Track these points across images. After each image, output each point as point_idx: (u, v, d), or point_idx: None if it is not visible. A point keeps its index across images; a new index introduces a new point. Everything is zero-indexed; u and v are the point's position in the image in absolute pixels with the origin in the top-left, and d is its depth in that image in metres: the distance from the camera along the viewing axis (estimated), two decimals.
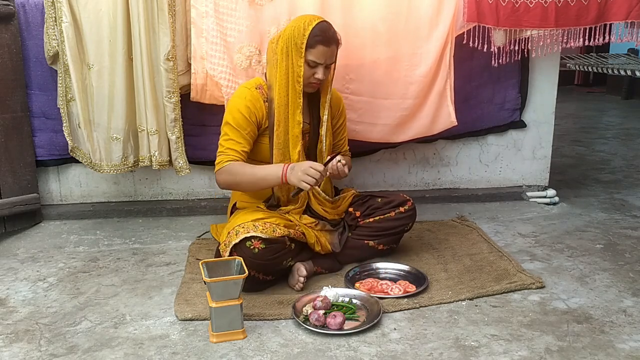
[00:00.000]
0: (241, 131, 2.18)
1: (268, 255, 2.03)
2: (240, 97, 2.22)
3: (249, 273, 1.99)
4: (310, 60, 2.13)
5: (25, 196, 2.79)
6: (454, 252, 2.49)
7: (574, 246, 2.58)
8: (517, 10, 2.69)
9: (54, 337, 1.86)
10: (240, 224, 2.05)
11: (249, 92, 2.22)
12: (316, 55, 2.13)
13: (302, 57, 2.13)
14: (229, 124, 2.18)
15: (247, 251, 1.99)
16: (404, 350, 1.76)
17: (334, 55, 2.19)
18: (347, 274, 2.22)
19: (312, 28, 2.12)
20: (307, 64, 2.14)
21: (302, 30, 2.12)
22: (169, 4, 2.51)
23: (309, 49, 2.12)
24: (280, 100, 2.18)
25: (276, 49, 2.18)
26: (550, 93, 3.20)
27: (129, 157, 2.73)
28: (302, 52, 2.12)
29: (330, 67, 2.21)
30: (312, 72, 2.16)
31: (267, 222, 2.06)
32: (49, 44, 2.60)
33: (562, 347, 1.76)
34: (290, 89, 2.17)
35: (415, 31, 2.70)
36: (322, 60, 2.14)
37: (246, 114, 2.18)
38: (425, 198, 3.15)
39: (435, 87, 2.78)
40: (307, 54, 2.13)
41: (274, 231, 2.05)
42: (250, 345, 1.79)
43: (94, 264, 2.44)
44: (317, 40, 2.12)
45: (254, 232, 2.01)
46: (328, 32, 2.15)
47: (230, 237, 2.03)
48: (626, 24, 2.75)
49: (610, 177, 3.80)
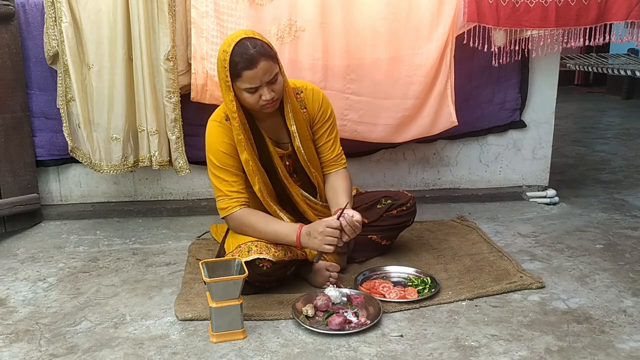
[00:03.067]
0: (229, 169, 2.07)
1: (274, 272, 2.03)
2: (211, 134, 2.09)
3: (254, 284, 2.01)
4: (245, 88, 1.94)
5: (25, 196, 2.79)
6: (454, 252, 2.49)
7: (574, 246, 2.58)
8: (518, 10, 2.69)
9: (54, 337, 1.86)
10: (253, 241, 2.01)
11: (217, 126, 2.08)
12: (248, 81, 1.92)
13: (231, 91, 1.96)
14: (215, 166, 2.07)
15: (256, 269, 1.98)
16: (404, 350, 1.76)
17: (271, 68, 1.94)
18: (355, 279, 2.20)
19: (229, 57, 1.91)
20: (245, 92, 1.95)
21: (222, 61, 1.94)
22: (169, 4, 2.51)
23: (237, 79, 1.93)
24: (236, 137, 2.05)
25: None
26: (550, 93, 3.20)
27: (129, 157, 2.73)
28: (230, 86, 1.95)
29: (275, 81, 1.97)
30: (258, 96, 1.96)
31: (278, 246, 2.03)
32: (49, 44, 2.60)
33: (562, 347, 1.76)
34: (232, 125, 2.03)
35: (415, 31, 2.70)
36: (257, 83, 1.93)
37: (226, 151, 2.06)
38: (425, 198, 3.15)
39: (436, 87, 2.78)
40: (238, 84, 1.94)
41: (284, 254, 2.04)
42: (250, 345, 1.79)
43: (94, 264, 2.44)
44: (240, 67, 1.91)
45: (267, 255, 1.98)
46: (247, 51, 1.90)
47: (241, 253, 1.98)
48: (626, 24, 2.75)
49: (610, 177, 3.80)
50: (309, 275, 2.19)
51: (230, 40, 1.95)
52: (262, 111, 2.03)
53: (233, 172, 2.08)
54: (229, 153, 2.07)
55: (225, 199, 2.08)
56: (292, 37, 2.66)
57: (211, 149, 2.09)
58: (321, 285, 2.14)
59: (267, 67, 1.93)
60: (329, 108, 2.24)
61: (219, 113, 2.13)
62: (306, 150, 2.17)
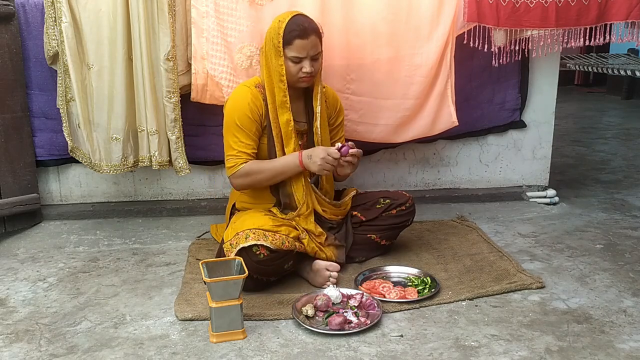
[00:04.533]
0: (247, 132, 2.18)
1: (272, 262, 2.04)
2: (241, 96, 2.22)
3: (252, 276, 2.00)
4: (292, 56, 2.13)
5: (25, 196, 2.79)
6: (454, 252, 2.49)
7: (574, 246, 2.58)
8: (518, 10, 2.69)
9: (54, 337, 1.86)
10: (251, 229, 2.03)
11: (249, 91, 2.22)
12: (296, 49, 2.12)
13: (281, 56, 2.13)
14: (235, 125, 2.18)
15: (252, 256, 2.00)
16: (404, 350, 1.76)
17: (317, 45, 2.17)
18: (355, 279, 2.20)
19: (285, 25, 2.11)
20: (290, 60, 2.14)
21: (277, 28, 2.13)
22: (169, 4, 2.51)
23: (287, 46, 2.12)
24: (270, 101, 2.20)
25: (261, 52, 2.21)
26: (550, 93, 3.20)
27: (129, 158, 2.72)
28: (281, 51, 2.12)
29: (317, 59, 2.18)
30: (299, 67, 2.15)
31: (276, 234, 2.06)
32: (49, 44, 2.60)
33: (562, 347, 1.76)
34: (276, 88, 2.18)
35: (415, 31, 2.70)
36: (304, 54, 2.13)
37: (249, 114, 2.18)
38: (425, 198, 3.15)
39: (436, 87, 2.78)
40: (286, 51, 2.12)
41: (282, 243, 2.05)
42: (250, 345, 1.79)
43: (94, 264, 2.44)
44: (294, 35, 2.11)
45: (264, 242, 2.00)
46: (303, 24, 2.13)
47: (239, 239, 2.01)
48: (626, 24, 2.75)
49: (610, 177, 3.80)
50: (309, 275, 2.20)
51: (285, 14, 2.17)
52: (295, 84, 2.20)
53: (249, 135, 2.19)
54: (252, 117, 2.19)
55: (233, 157, 2.19)
56: None
57: (236, 108, 2.19)
58: (321, 285, 2.14)
59: (315, 43, 2.15)
60: (342, 110, 2.48)
61: (248, 82, 2.29)
62: (322, 134, 2.31)
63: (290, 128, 2.21)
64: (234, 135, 2.18)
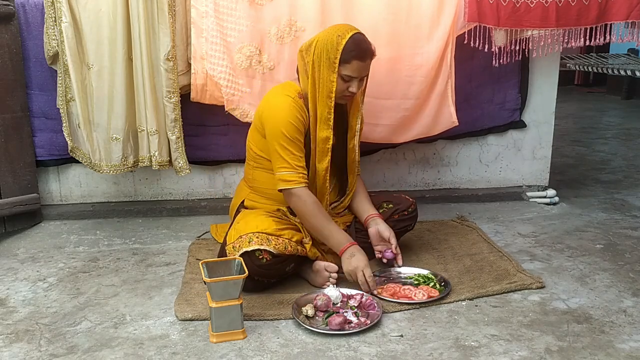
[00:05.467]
0: (297, 143, 2.14)
1: (274, 266, 2.04)
2: (288, 107, 2.13)
3: (253, 278, 2.00)
4: (344, 75, 2.08)
5: (25, 196, 2.79)
6: (454, 252, 2.49)
7: (574, 246, 2.58)
8: (518, 10, 2.69)
9: (54, 337, 1.86)
10: (254, 232, 2.02)
11: (293, 103, 2.15)
12: (351, 70, 2.08)
13: (335, 72, 2.07)
14: (285, 137, 2.10)
15: (255, 260, 1.99)
16: (404, 350, 1.76)
17: (369, 68, 2.15)
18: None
19: (345, 41, 2.06)
20: (341, 78, 2.09)
21: (335, 44, 2.06)
22: (169, 4, 2.51)
23: (343, 64, 2.07)
24: (312, 114, 2.15)
25: (307, 60, 2.13)
26: (550, 93, 3.20)
27: (129, 158, 2.72)
28: (336, 67, 2.07)
29: (364, 79, 2.17)
30: (347, 86, 2.11)
31: (280, 238, 2.05)
32: (49, 44, 2.60)
33: (562, 347, 1.76)
34: (319, 102, 2.13)
35: (416, 31, 2.70)
36: (357, 75, 2.10)
37: (297, 125, 2.13)
38: (425, 198, 3.15)
39: (437, 87, 2.78)
40: (341, 68, 2.07)
41: (285, 248, 2.05)
42: (250, 345, 1.79)
43: (94, 264, 2.44)
44: (353, 55, 2.06)
45: (267, 247, 2.00)
46: (363, 45, 2.09)
47: (242, 243, 2.01)
48: (627, 24, 2.75)
49: (610, 177, 3.80)
50: (309, 276, 2.19)
51: (344, 29, 2.11)
52: (336, 100, 2.14)
53: (299, 147, 2.15)
54: (299, 128, 2.14)
55: (291, 171, 2.12)
56: (293, 37, 2.66)
57: (283, 120, 2.12)
58: (321, 286, 2.14)
59: (368, 66, 2.15)
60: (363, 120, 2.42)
61: (288, 90, 2.20)
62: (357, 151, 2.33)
63: (328, 146, 2.17)
64: (286, 149, 2.11)
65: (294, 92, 2.19)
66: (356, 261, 2.07)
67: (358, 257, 2.08)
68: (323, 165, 2.20)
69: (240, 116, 2.73)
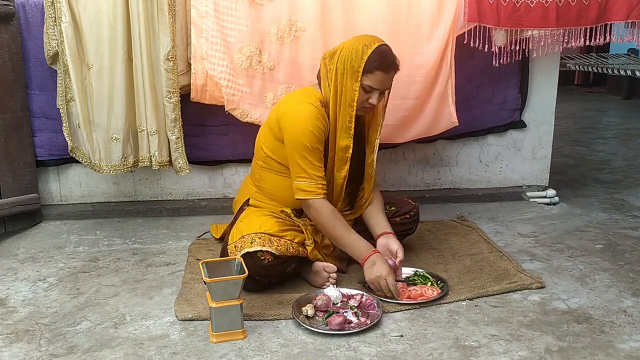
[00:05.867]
0: (317, 153, 2.11)
1: (275, 267, 2.04)
2: (310, 115, 2.09)
3: (255, 278, 2.00)
4: (366, 85, 2.07)
5: (25, 196, 2.79)
6: (454, 252, 2.49)
7: (574, 246, 2.58)
8: (518, 10, 2.69)
9: (54, 337, 1.86)
10: (257, 233, 2.02)
11: (316, 111, 2.10)
12: (373, 81, 2.06)
13: (357, 82, 2.06)
14: (305, 146, 2.07)
15: (257, 261, 1.99)
16: (404, 350, 1.76)
17: (391, 81, 2.14)
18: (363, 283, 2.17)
19: (370, 52, 2.04)
20: (362, 87, 2.07)
21: (360, 53, 2.04)
22: (169, 4, 2.51)
23: (367, 74, 2.05)
24: (332, 122, 2.13)
25: (330, 67, 2.11)
26: (550, 93, 3.20)
27: (129, 158, 2.72)
28: (359, 77, 2.05)
29: (384, 92, 2.16)
30: (367, 97, 2.09)
31: (282, 240, 2.05)
32: (49, 44, 2.60)
33: (562, 347, 1.76)
34: (340, 111, 2.11)
35: (416, 31, 2.70)
36: (379, 86, 2.08)
37: (318, 134, 2.09)
38: (425, 198, 3.15)
39: (437, 87, 2.78)
40: (363, 78, 2.05)
41: (287, 249, 2.05)
42: (250, 345, 1.79)
43: (94, 264, 2.44)
44: (376, 65, 2.04)
45: (269, 248, 1.99)
46: (388, 57, 2.08)
47: (244, 243, 2.00)
48: (626, 24, 2.75)
49: (610, 177, 3.80)
50: (309, 276, 2.19)
51: (371, 39, 2.09)
52: (357, 111, 2.12)
53: (319, 157, 2.12)
54: (320, 137, 2.11)
55: (310, 181, 2.10)
56: (292, 37, 2.66)
57: (304, 129, 2.08)
58: (321, 286, 2.14)
59: (391, 79, 2.13)
60: None
61: (310, 97, 2.14)
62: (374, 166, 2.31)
63: (348, 155, 2.16)
64: (305, 158, 2.08)
65: (316, 99, 2.14)
66: (378, 269, 2.04)
67: (380, 265, 2.05)
68: (342, 174, 2.19)
69: (240, 116, 2.73)
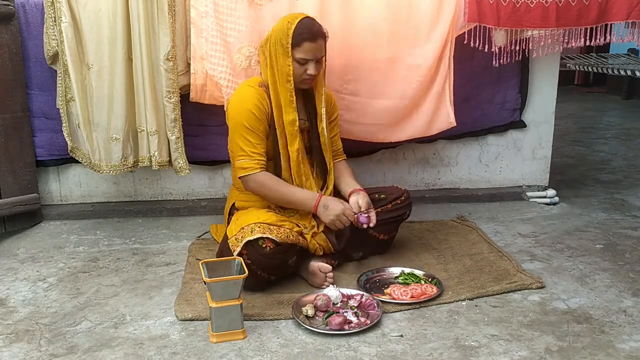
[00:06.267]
0: (256, 132, 2.20)
1: (277, 255, 2.05)
2: (247, 96, 2.22)
3: (256, 272, 2.01)
4: (299, 58, 2.16)
5: (25, 196, 2.79)
6: (454, 252, 2.49)
7: (574, 246, 2.58)
8: (518, 10, 2.69)
9: (54, 337, 1.86)
10: (256, 223, 2.06)
11: (254, 91, 2.23)
12: (304, 52, 2.15)
13: (289, 57, 2.15)
14: (244, 126, 2.18)
15: (259, 249, 2.01)
16: (404, 350, 1.76)
17: (323, 49, 2.21)
18: (358, 279, 2.20)
19: (295, 26, 2.14)
20: (296, 62, 2.17)
21: (286, 29, 2.15)
22: (169, 4, 2.51)
23: (296, 47, 2.15)
24: (275, 100, 2.21)
25: (265, 52, 2.22)
26: (550, 93, 3.20)
27: (129, 158, 2.72)
28: (289, 52, 2.15)
29: (321, 61, 2.22)
30: (304, 69, 2.18)
31: (281, 228, 2.09)
32: (49, 44, 2.60)
33: (562, 347, 1.76)
34: (280, 87, 2.20)
35: (415, 31, 2.70)
36: (311, 56, 2.16)
37: (257, 113, 2.19)
38: (425, 198, 3.15)
39: (434, 87, 2.77)
40: (294, 52, 2.15)
41: (287, 237, 2.08)
42: (250, 345, 1.79)
43: (94, 264, 2.44)
44: (303, 37, 2.14)
45: (269, 235, 2.03)
46: (313, 27, 2.17)
47: (244, 233, 2.03)
48: (627, 24, 2.75)
49: (610, 177, 3.80)
50: (308, 276, 2.20)
51: (293, 16, 2.21)
52: (298, 85, 2.21)
53: (259, 136, 2.21)
54: (259, 117, 2.20)
55: (247, 159, 2.19)
56: None
57: (242, 109, 2.20)
58: (319, 286, 2.14)
59: (321, 46, 2.20)
60: (337, 107, 2.51)
61: (250, 82, 2.30)
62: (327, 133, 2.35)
63: (296, 128, 2.23)
64: (243, 137, 2.19)
65: (255, 83, 2.27)
66: (332, 210, 2.16)
67: (332, 205, 2.17)
68: (294, 148, 2.25)
69: None
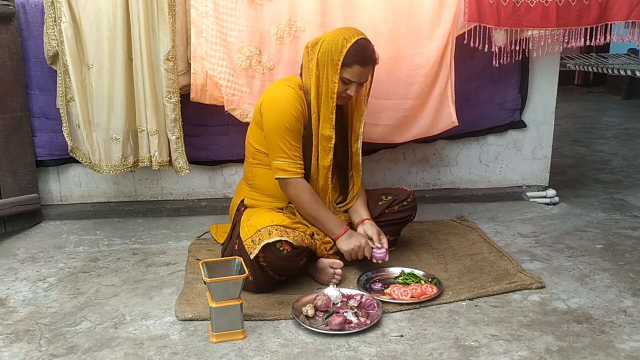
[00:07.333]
0: (297, 134, 2.18)
1: (292, 258, 2.05)
2: (290, 97, 2.17)
3: (268, 273, 2.02)
4: (344, 77, 2.13)
5: (25, 196, 2.79)
6: (454, 252, 2.49)
7: (574, 246, 2.58)
8: (518, 10, 2.69)
9: (54, 337, 1.86)
10: (273, 225, 2.04)
11: (295, 92, 2.18)
12: (351, 74, 2.13)
13: (337, 74, 2.12)
14: (285, 127, 2.14)
15: (276, 252, 2.01)
16: (404, 350, 1.76)
17: (370, 74, 2.21)
18: (358, 279, 2.21)
19: (349, 45, 2.10)
20: (341, 80, 2.14)
21: (340, 46, 2.11)
22: (169, 4, 2.51)
23: (345, 67, 2.12)
24: (315, 111, 2.19)
25: (312, 57, 2.17)
26: (550, 93, 3.20)
27: (129, 158, 2.72)
28: (338, 69, 2.11)
29: (363, 85, 2.21)
30: (345, 88, 2.16)
31: (296, 231, 2.09)
32: (49, 44, 2.60)
33: (562, 347, 1.76)
34: (322, 101, 2.17)
35: (416, 31, 2.70)
36: (356, 79, 2.15)
37: (298, 116, 2.16)
38: (425, 198, 3.15)
39: (437, 87, 2.77)
40: (342, 71, 2.12)
41: (302, 240, 2.09)
42: (250, 346, 1.79)
43: (94, 264, 2.44)
44: (355, 60, 2.11)
45: (287, 238, 2.02)
46: (366, 51, 2.14)
47: (262, 236, 2.02)
48: (627, 24, 2.75)
49: (610, 177, 3.80)
50: (315, 274, 2.21)
51: (350, 32, 2.15)
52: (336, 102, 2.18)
53: (299, 138, 2.19)
54: (299, 119, 2.18)
55: (289, 161, 2.17)
56: (292, 37, 2.66)
57: (284, 110, 2.15)
58: (327, 283, 2.16)
59: (369, 72, 2.20)
60: None
61: (289, 81, 2.24)
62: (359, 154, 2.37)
63: (330, 145, 2.21)
64: (284, 138, 2.15)
65: (295, 84, 2.22)
66: (356, 240, 2.18)
67: (356, 237, 2.20)
68: (325, 163, 2.23)
69: (240, 116, 2.72)
